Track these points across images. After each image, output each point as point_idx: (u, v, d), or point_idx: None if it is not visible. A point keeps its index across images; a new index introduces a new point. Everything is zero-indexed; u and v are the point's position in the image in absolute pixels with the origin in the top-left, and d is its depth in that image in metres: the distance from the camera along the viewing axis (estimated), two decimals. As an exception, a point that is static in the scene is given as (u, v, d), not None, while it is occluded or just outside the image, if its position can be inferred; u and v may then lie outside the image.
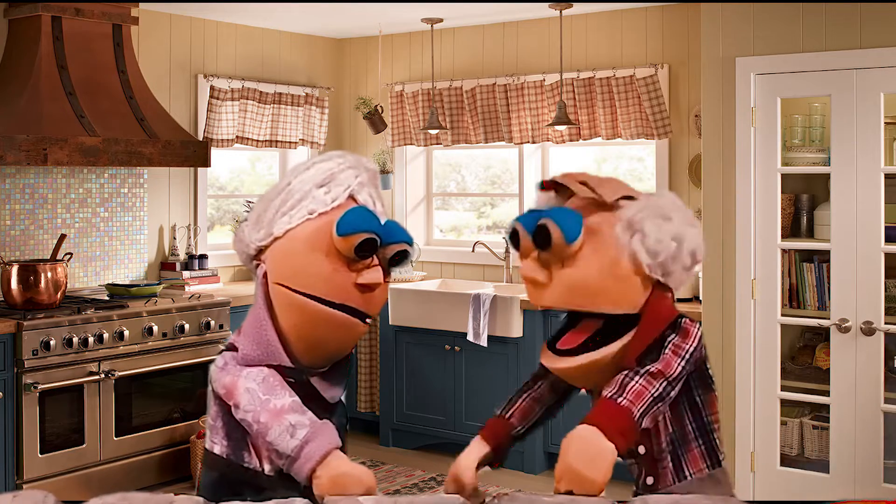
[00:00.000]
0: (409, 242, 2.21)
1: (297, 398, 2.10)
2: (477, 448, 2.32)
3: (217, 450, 2.19)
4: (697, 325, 2.17)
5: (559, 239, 2.08)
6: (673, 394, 2.10)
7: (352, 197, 2.19)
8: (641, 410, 2.03)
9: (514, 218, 2.21)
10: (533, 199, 2.32)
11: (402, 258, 2.21)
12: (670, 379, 2.08)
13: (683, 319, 2.17)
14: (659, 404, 2.07)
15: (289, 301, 2.13)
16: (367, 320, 2.20)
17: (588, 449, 1.94)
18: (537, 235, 2.11)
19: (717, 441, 2.24)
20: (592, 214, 2.14)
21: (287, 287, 2.13)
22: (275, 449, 2.05)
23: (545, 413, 2.44)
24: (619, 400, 2.03)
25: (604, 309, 2.13)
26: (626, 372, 2.08)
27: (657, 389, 2.06)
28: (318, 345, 2.17)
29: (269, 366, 2.15)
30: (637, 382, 2.06)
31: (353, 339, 2.21)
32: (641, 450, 2.18)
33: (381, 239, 2.13)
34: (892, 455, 4.43)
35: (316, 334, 2.15)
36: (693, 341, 2.13)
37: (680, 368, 2.10)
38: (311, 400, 2.16)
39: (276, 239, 2.15)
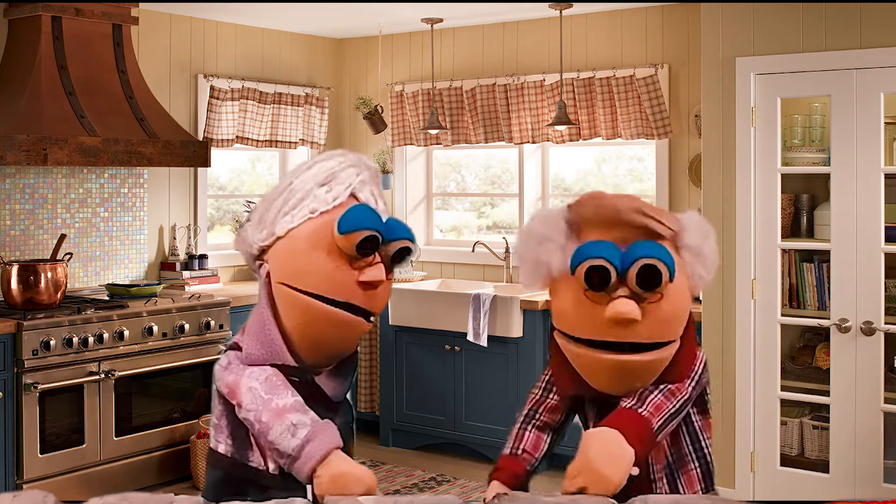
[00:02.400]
0: (412, 239, 2.19)
1: (299, 398, 2.10)
2: (495, 491, 2.23)
3: (221, 449, 2.20)
4: (702, 350, 2.23)
5: (667, 279, 2.04)
6: (683, 413, 2.14)
7: (353, 195, 2.18)
8: (659, 424, 2.06)
9: (589, 252, 2.05)
10: (548, 218, 2.19)
11: (404, 255, 2.19)
12: (684, 398, 2.13)
13: None
14: (673, 421, 2.11)
15: (292, 300, 2.13)
16: (371, 318, 2.20)
17: (610, 449, 1.96)
18: (645, 275, 2.03)
19: (713, 465, 2.27)
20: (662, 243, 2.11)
21: (290, 286, 2.13)
22: (276, 448, 2.05)
23: (553, 438, 2.40)
24: (640, 410, 2.06)
25: (678, 334, 2.13)
26: (644, 387, 2.11)
27: (674, 406, 2.09)
28: (321, 343, 2.17)
29: (273, 365, 2.15)
30: (656, 396, 2.09)
31: (357, 337, 2.21)
32: (635, 471, 2.13)
33: (383, 236, 2.13)
34: (892, 455, 4.43)
35: (319, 333, 2.15)
36: (700, 364, 2.18)
37: (690, 389, 2.14)
38: (315, 398, 2.16)
39: (278, 238, 2.15)
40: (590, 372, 2.14)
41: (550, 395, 2.38)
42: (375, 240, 2.11)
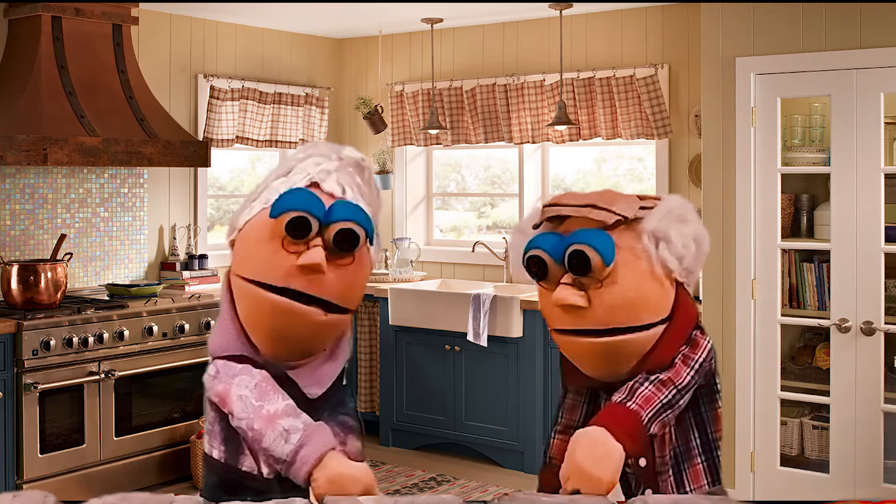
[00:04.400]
0: (356, 221, 2.10)
1: (290, 401, 2.08)
2: None
3: (216, 454, 2.20)
4: (708, 338, 2.20)
5: (599, 263, 2.07)
6: (682, 402, 2.12)
7: (316, 185, 2.16)
8: (650, 415, 2.05)
9: (531, 244, 2.15)
10: (532, 213, 2.30)
11: (349, 239, 2.09)
12: (679, 387, 2.10)
13: (695, 332, 2.19)
14: (668, 411, 2.09)
15: (240, 290, 2.15)
16: (334, 310, 2.12)
17: (596, 448, 1.95)
18: (574, 261, 2.09)
19: (719, 459, 2.26)
20: (614, 231, 2.14)
21: (239, 276, 2.15)
22: (271, 455, 2.05)
23: None
24: (629, 404, 2.05)
25: (644, 321, 2.13)
26: (636, 378, 2.10)
27: (666, 396, 2.08)
28: (274, 334, 2.13)
29: (240, 357, 2.14)
30: (646, 388, 2.08)
31: (314, 329, 2.12)
32: (643, 462, 2.16)
33: (320, 220, 2.08)
34: (892, 455, 4.43)
35: (266, 321, 2.11)
36: (703, 352, 2.16)
37: (689, 378, 2.12)
38: (291, 394, 2.13)
39: (239, 231, 2.21)
40: (574, 358, 2.21)
41: (567, 395, 2.39)
42: (304, 221, 2.07)
